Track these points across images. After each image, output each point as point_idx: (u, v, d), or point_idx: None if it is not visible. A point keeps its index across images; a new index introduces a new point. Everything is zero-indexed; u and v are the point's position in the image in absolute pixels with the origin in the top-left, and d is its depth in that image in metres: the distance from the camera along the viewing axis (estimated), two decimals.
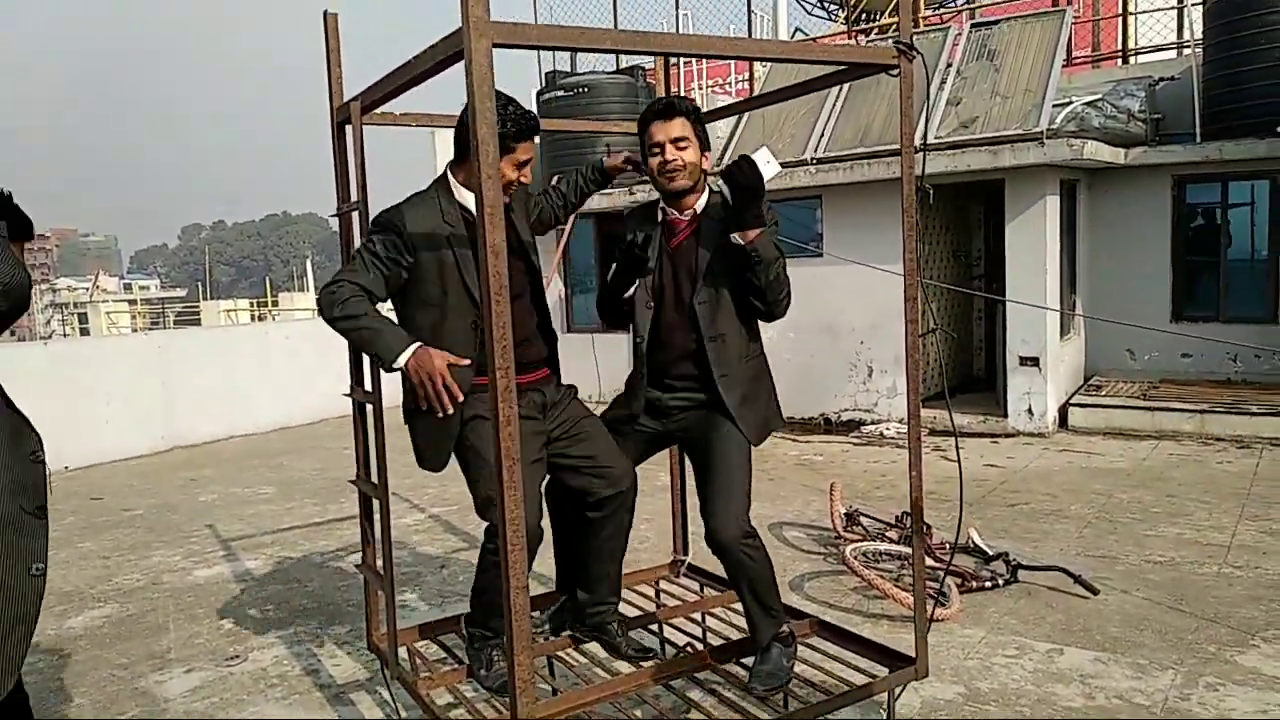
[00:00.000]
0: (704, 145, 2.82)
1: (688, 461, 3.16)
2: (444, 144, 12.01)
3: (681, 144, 2.76)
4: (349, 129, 2.91)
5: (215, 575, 5.20)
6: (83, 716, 3.55)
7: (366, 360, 2.89)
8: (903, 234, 2.58)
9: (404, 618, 3.94)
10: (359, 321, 2.56)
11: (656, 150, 2.78)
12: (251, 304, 27.42)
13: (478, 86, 1.91)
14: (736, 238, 2.69)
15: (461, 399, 2.60)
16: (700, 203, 2.87)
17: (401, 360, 2.54)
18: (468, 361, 2.60)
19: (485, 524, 2.81)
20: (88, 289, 49.66)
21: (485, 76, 1.91)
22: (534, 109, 10.12)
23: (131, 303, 36.86)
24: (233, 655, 4.08)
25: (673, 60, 12.88)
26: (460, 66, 1.97)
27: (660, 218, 2.92)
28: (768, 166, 2.63)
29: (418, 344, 2.57)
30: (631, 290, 2.87)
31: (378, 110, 2.86)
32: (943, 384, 7.42)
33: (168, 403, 9.11)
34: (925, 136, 8.17)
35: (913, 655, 2.85)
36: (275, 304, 28.15)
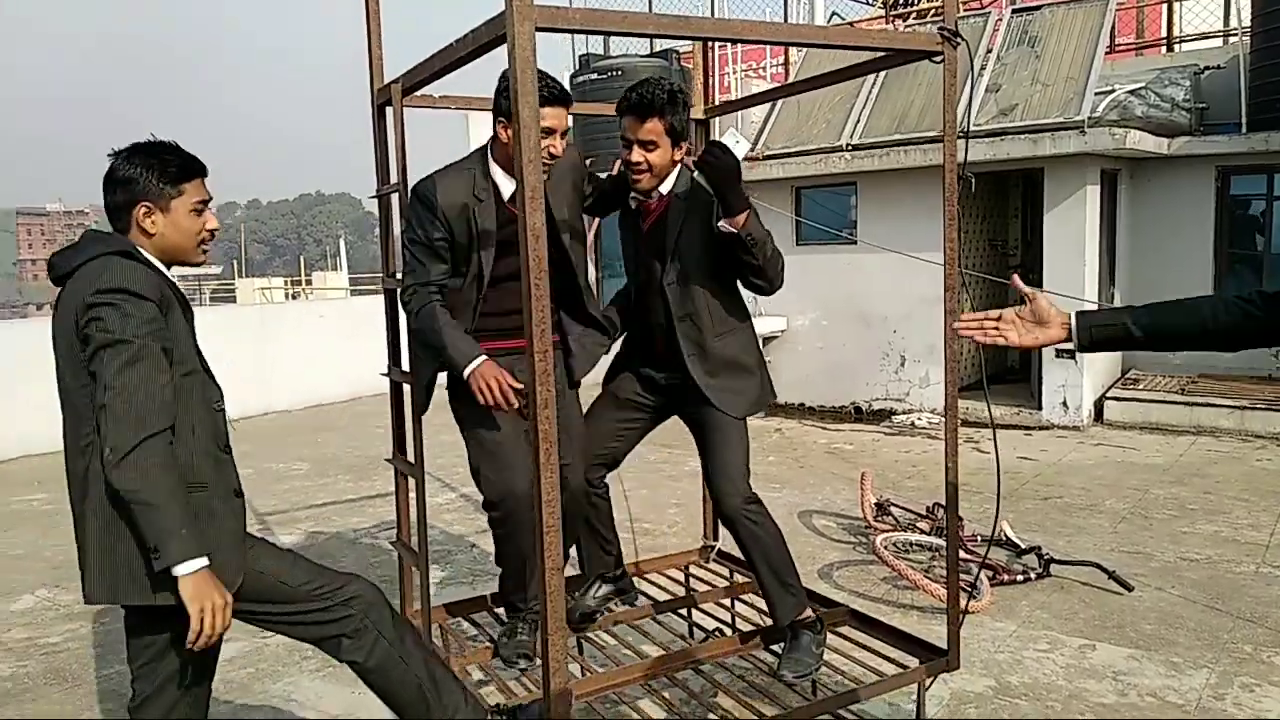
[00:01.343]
0: (678, 139, 2.74)
1: None
2: (478, 128, 12.04)
3: (650, 147, 2.71)
4: (389, 111, 2.93)
5: None
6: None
7: (404, 340, 2.92)
8: (943, 222, 2.56)
9: (435, 595, 3.97)
10: (432, 335, 2.72)
11: (625, 146, 2.74)
12: (285, 282, 27.71)
13: (520, 70, 1.91)
14: (725, 225, 2.64)
15: (515, 406, 2.67)
16: (668, 185, 2.82)
17: (466, 373, 2.66)
18: (521, 386, 2.64)
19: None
20: None
21: (528, 60, 1.91)
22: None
23: None
24: None
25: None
26: (499, 50, 1.98)
27: (632, 205, 2.92)
28: (738, 146, 2.60)
29: (483, 358, 2.67)
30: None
31: (417, 93, 2.87)
32: (981, 374, 7.32)
33: None
34: (965, 124, 8.06)
35: (944, 647, 2.84)
36: (309, 282, 28.42)
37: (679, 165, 2.82)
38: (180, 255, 2.20)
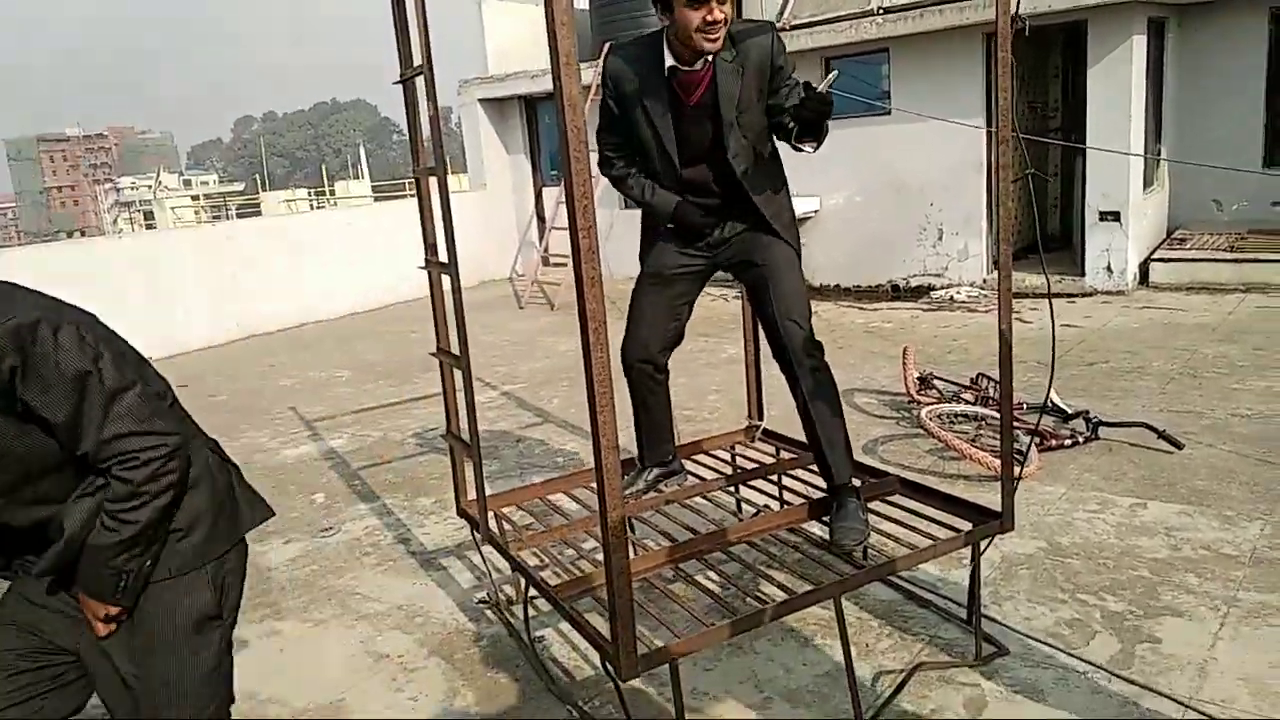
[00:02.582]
0: None
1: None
2: (491, 17, 11.66)
3: (726, 2, 2.59)
4: None
5: (303, 454, 5.40)
6: None
7: (440, 230, 2.87)
8: (991, 75, 2.42)
9: (488, 487, 4.04)
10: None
11: (699, 4, 2.55)
12: (309, 193, 27.59)
13: None
14: (808, 148, 2.68)
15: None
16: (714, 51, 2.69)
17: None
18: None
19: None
20: (150, 186, 50.39)
21: None
22: None
23: (194, 198, 37.39)
24: (327, 527, 4.26)
25: None
26: None
27: (667, 73, 2.74)
28: (825, 85, 2.55)
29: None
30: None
31: None
32: (1033, 234, 7.09)
33: (239, 293, 9.30)
34: None
35: (997, 510, 2.84)
36: (332, 193, 28.29)
37: None
38: None
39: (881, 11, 8.16)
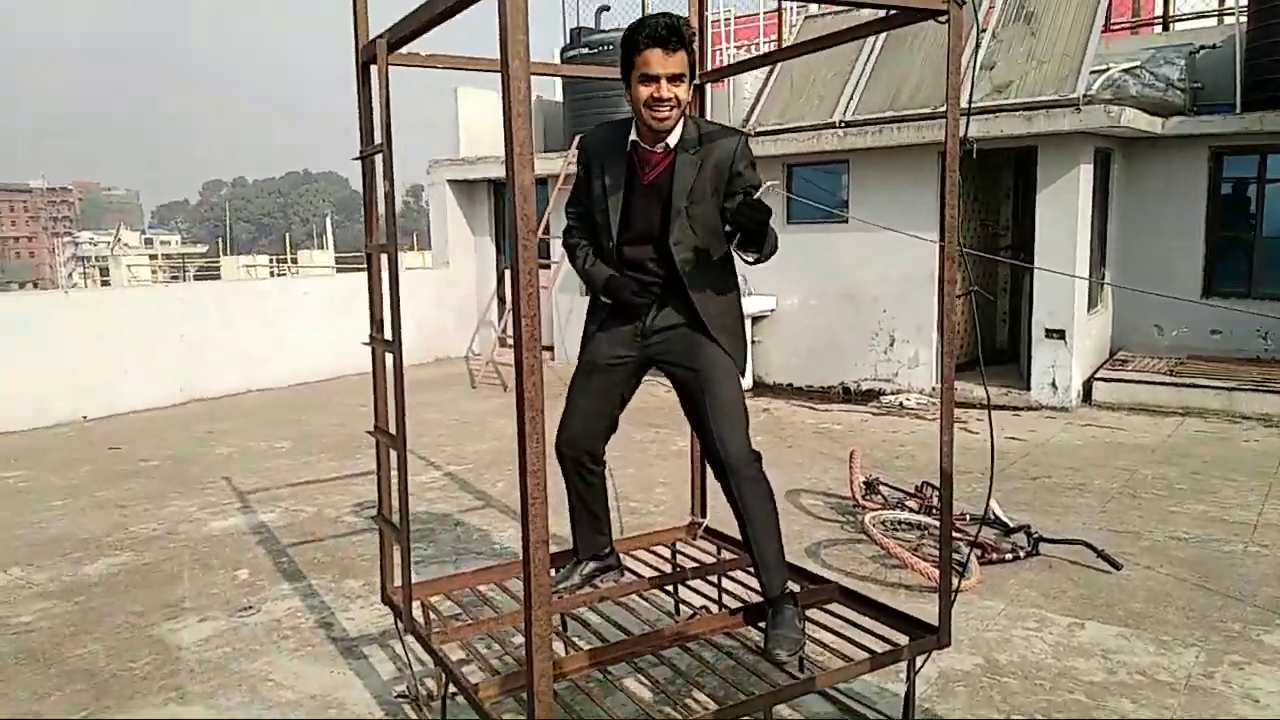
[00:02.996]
0: (694, 78, 2.73)
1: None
2: (466, 102, 11.87)
3: (679, 81, 2.63)
4: (373, 70, 2.83)
5: (231, 527, 5.20)
6: (96, 662, 3.55)
7: (386, 309, 2.83)
8: (943, 191, 2.49)
9: (418, 573, 3.91)
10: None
11: (649, 81, 2.62)
12: (271, 260, 27.45)
13: (512, 19, 1.83)
14: (749, 257, 2.65)
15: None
16: (674, 136, 2.73)
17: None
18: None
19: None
20: (109, 242, 49.80)
21: (519, 8, 1.82)
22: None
23: (153, 257, 37.00)
24: (246, 606, 4.07)
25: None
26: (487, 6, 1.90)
27: (628, 147, 2.79)
28: (769, 194, 2.59)
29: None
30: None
31: (404, 50, 2.77)
32: (974, 354, 7.25)
33: (186, 355, 9.10)
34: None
35: (934, 624, 2.79)
36: (294, 261, 28.16)
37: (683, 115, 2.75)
38: None
39: (843, 124, 8.45)
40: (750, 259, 2.66)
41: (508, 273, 11.89)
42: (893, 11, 2.60)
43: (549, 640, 2.05)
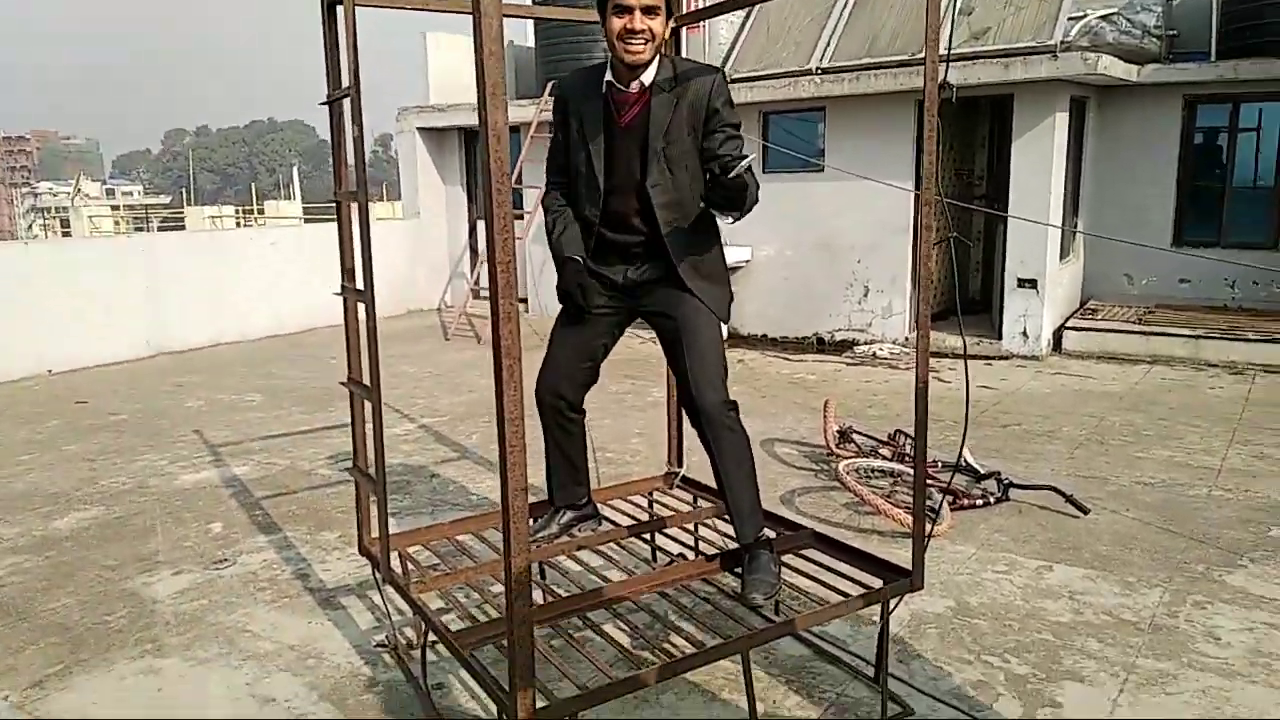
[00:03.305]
0: (671, 12, 2.67)
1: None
2: (435, 47, 11.61)
3: (653, 13, 2.58)
4: (340, 10, 2.74)
5: (203, 480, 5.16)
6: (70, 616, 3.53)
7: (358, 257, 2.78)
8: (920, 138, 2.46)
9: (395, 525, 3.90)
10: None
11: (623, 12, 2.58)
12: (237, 211, 26.95)
13: None
14: (730, 220, 2.64)
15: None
16: (649, 75, 2.68)
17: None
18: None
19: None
20: (69, 193, 48.63)
21: None
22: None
23: (114, 208, 36.20)
24: (221, 559, 4.06)
25: None
26: None
27: (604, 89, 2.75)
28: (747, 160, 2.51)
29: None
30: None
31: None
32: (951, 302, 7.24)
33: (152, 308, 8.95)
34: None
35: (908, 568, 2.83)
36: (261, 211, 27.67)
37: (659, 53, 2.68)
38: None
39: (819, 71, 8.37)
40: (729, 220, 2.63)
41: (480, 223, 11.77)
42: None
43: (528, 586, 2.05)
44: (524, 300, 11.14)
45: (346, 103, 2.78)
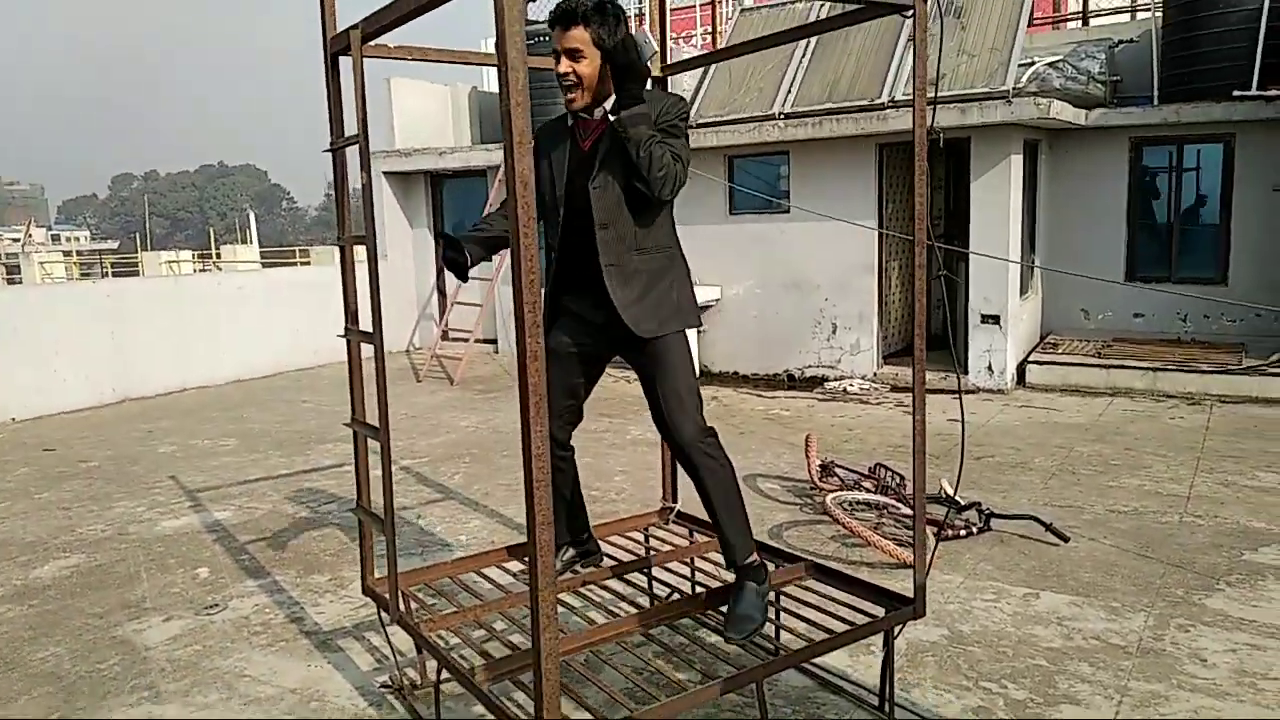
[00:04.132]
0: (604, 49, 2.68)
1: None
2: (400, 93, 11.70)
3: (576, 56, 2.68)
4: (342, 61, 2.81)
5: (184, 526, 5.09)
6: (60, 664, 3.46)
7: (364, 299, 2.83)
8: (916, 178, 2.58)
9: (384, 564, 3.89)
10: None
11: (555, 59, 2.71)
12: (194, 256, 26.63)
13: (509, 8, 1.85)
14: (611, 116, 2.64)
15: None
16: (610, 102, 2.76)
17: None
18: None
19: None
20: (17, 239, 47.63)
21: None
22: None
23: (66, 254, 35.53)
24: (212, 604, 4.00)
25: (635, 11, 12.70)
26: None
27: (570, 123, 2.86)
28: (646, 48, 2.60)
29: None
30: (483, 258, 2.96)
31: (374, 41, 2.76)
32: (946, 331, 7.28)
33: (117, 354, 8.82)
34: (893, 92, 8.19)
35: (906, 596, 2.91)
36: (218, 255, 27.36)
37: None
38: None
39: (783, 116, 8.60)
40: (639, 183, 2.64)
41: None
42: (859, 6, 2.68)
43: (554, 619, 2.09)
44: (493, 341, 11.16)
45: (350, 150, 2.84)
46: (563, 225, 2.84)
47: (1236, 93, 8.00)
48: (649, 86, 2.82)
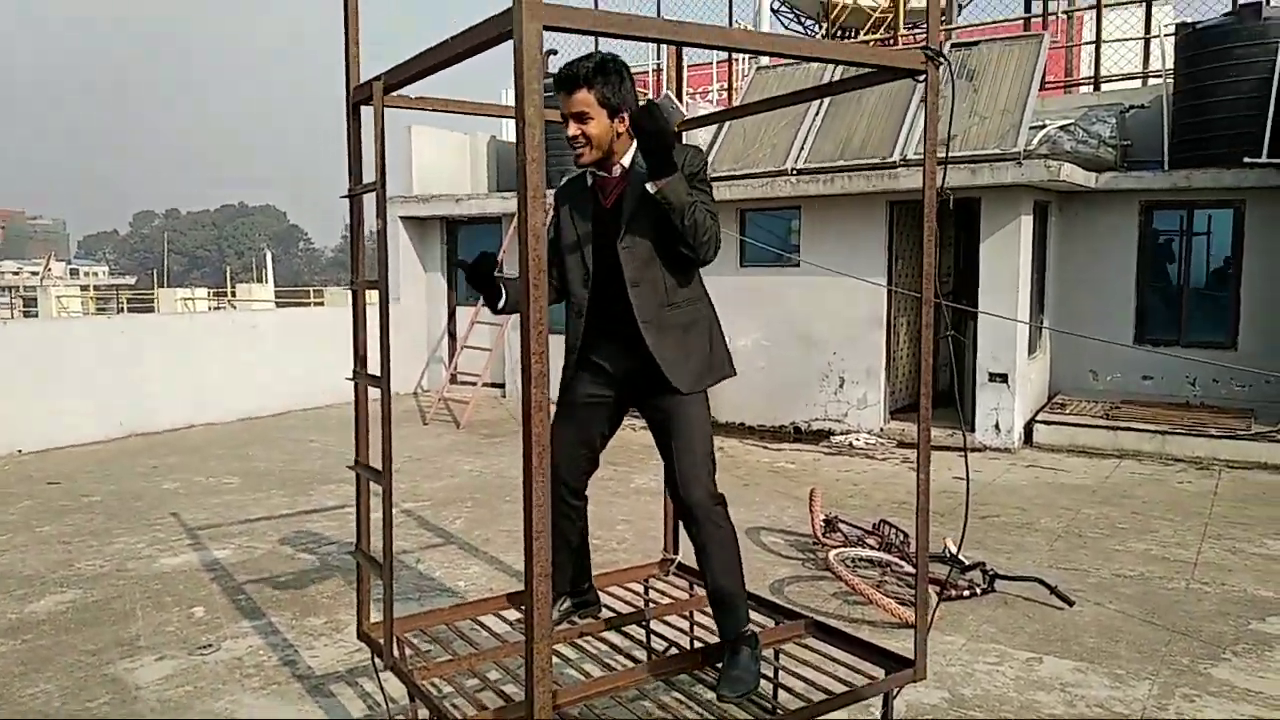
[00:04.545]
0: (616, 110, 2.71)
1: None
2: (419, 140, 11.90)
3: (583, 119, 2.71)
4: (363, 110, 2.87)
5: (182, 564, 5.08)
6: (50, 701, 3.44)
7: (373, 342, 2.86)
8: (925, 238, 2.61)
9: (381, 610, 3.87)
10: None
11: (564, 122, 2.75)
12: (209, 293, 26.90)
13: (527, 68, 1.90)
14: (650, 187, 2.64)
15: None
16: (628, 158, 2.80)
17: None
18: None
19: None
20: (36, 272, 48.21)
21: (534, 59, 1.90)
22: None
23: (84, 288, 35.93)
24: (205, 644, 3.98)
25: (654, 67, 12.94)
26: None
27: (590, 182, 2.89)
28: (672, 112, 2.60)
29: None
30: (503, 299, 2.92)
31: (395, 92, 2.82)
32: (954, 390, 7.29)
33: (128, 389, 8.87)
34: (904, 152, 8.29)
35: (906, 657, 2.87)
36: (234, 294, 27.62)
37: (632, 138, 2.78)
38: None
39: (795, 173, 8.70)
40: (653, 189, 2.62)
41: (459, 309, 11.89)
42: (872, 70, 2.74)
43: (549, 672, 2.07)
44: (500, 385, 11.19)
45: (368, 196, 2.89)
46: (592, 283, 2.88)
47: (1247, 159, 8.06)
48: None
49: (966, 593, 4.51)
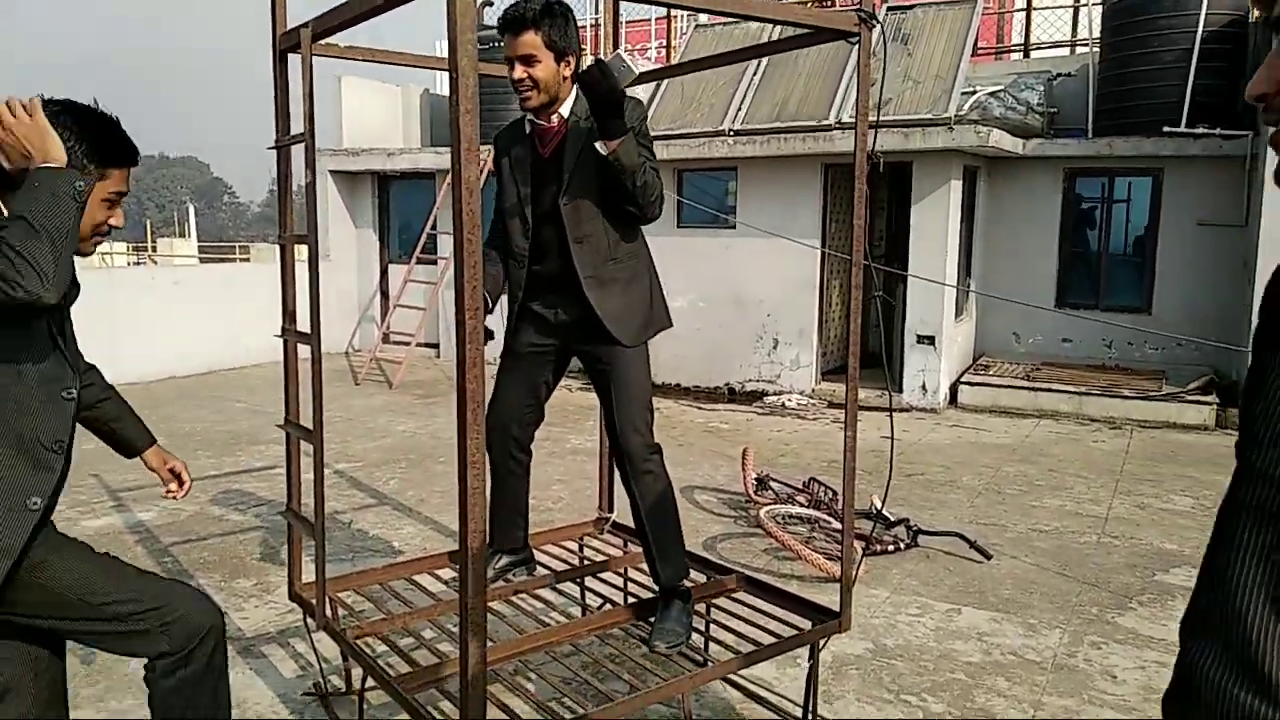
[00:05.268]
0: (563, 53, 2.69)
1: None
2: (349, 91, 11.57)
3: (530, 62, 2.67)
4: (291, 58, 2.79)
5: (106, 526, 4.95)
6: None
7: (303, 299, 2.80)
8: (855, 200, 2.65)
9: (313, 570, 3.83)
10: None
11: (509, 65, 2.71)
12: (129, 248, 25.91)
13: (460, 16, 1.86)
14: (600, 147, 2.63)
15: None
16: (566, 107, 2.79)
17: None
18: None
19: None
20: None
21: (469, 6, 1.86)
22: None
23: None
24: None
25: (591, 22, 12.74)
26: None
27: (527, 130, 2.87)
28: (624, 71, 2.56)
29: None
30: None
31: (324, 40, 2.74)
32: (883, 351, 7.42)
33: None
34: (839, 114, 8.35)
35: (833, 609, 2.97)
36: (154, 249, 26.66)
37: (575, 86, 2.77)
38: None
39: (732, 133, 8.71)
40: (604, 149, 2.60)
41: (391, 267, 11.69)
42: (807, 31, 2.75)
43: (483, 628, 2.09)
44: (435, 345, 11.07)
45: (294, 148, 2.81)
46: (532, 235, 2.86)
47: (1166, 129, 8.32)
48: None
49: (891, 548, 4.65)
